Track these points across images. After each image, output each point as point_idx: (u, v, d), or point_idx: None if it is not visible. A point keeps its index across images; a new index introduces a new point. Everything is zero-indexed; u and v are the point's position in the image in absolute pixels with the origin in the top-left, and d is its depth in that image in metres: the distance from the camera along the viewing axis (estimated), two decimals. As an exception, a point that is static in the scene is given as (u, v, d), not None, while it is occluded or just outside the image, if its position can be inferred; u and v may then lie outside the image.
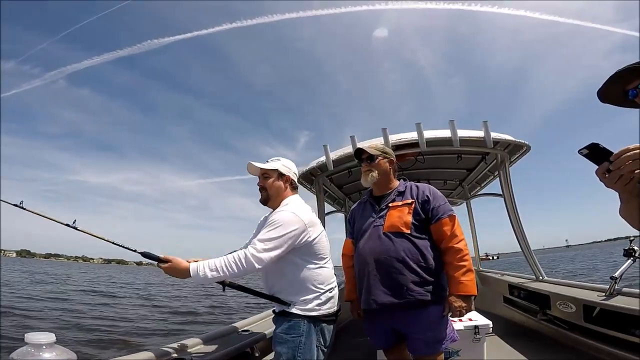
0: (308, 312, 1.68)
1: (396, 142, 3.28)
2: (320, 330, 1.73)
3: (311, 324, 1.68)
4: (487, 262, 9.03)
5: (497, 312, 3.82)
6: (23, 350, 0.94)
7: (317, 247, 1.76)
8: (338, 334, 3.97)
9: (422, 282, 1.79)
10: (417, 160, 3.81)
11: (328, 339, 1.78)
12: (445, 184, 4.99)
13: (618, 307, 2.40)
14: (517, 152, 3.61)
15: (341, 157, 3.48)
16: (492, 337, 3.01)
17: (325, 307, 1.74)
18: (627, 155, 0.80)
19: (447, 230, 1.84)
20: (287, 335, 1.66)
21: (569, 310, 2.90)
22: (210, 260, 1.59)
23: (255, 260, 1.58)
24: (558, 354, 2.78)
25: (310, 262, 1.74)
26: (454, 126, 3.17)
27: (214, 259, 1.59)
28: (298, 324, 1.66)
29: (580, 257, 39.03)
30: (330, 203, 5.06)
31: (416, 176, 4.57)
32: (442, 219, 1.86)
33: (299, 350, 1.64)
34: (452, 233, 1.84)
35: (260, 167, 1.84)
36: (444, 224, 1.85)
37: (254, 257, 1.58)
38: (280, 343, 1.67)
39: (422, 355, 1.85)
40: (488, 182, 4.64)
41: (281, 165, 1.87)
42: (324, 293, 1.73)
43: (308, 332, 1.67)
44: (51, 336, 0.99)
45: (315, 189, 4.12)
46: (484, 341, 2.43)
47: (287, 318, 1.68)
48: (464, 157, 3.90)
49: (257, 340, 2.20)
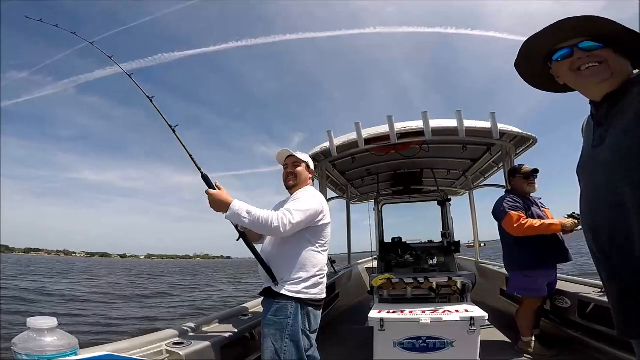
0: (296, 294, 1.73)
1: (401, 130, 3.23)
2: (307, 313, 1.77)
3: (298, 305, 1.73)
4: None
5: (493, 305, 3.86)
6: (25, 335, 0.95)
7: (324, 233, 1.89)
8: (335, 321, 4.05)
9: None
10: (422, 149, 3.78)
11: (314, 324, 1.82)
12: (449, 173, 4.96)
13: None
14: (523, 144, 3.56)
15: (345, 143, 3.45)
16: (487, 329, 3.05)
17: (314, 291, 1.80)
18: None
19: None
20: (275, 317, 1.71)
21: (564, 305, 2.92)
22: (249, 206, 1.69)
23: (282, 226, 1.67)
24: (551, 348, 2.81)
25: (313, 243, 1.83)
26: (460, 116, 3.12)
27: (252, 207, 1.70)
28: (286, 306, 1.71)
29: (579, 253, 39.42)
30: (332, 189, 5.05)
31: (420, 165, 4.54)
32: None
33: (286, 332, 1.69)
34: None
35: (296, 155, 2.01)
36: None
37: (282, 222, 1.67)
38: (268, 325, 1.72)
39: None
40: (492, 173, 4.60)
41: (309, 159, 2.08)
42: (314, 277, 1.80)
43: (295, 314, 1.72)
44: (53, 320, 1.00)
45: (318, 175, 4.11)
46: (478, 333, 2.46)
47: (275, 300, 1.74)
48: (469, 148, 3.86)
49: (256, 325, 2.22)
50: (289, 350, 1.67)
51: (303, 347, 1.72)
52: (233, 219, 1.69)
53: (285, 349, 1.67)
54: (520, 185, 3.05)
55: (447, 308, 2.70)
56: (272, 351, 1.67)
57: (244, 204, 1.69)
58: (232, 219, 1.70)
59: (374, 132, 3.35)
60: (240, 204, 1.68)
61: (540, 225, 2.77)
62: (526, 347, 2.85)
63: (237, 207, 1.67)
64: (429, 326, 2.49)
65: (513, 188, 3.12)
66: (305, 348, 1.74)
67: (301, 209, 1.75)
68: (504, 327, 3.34)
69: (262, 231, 1.75)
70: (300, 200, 1.82)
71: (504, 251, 3.08)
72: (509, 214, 2.83)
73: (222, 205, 1.68)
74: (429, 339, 2.50)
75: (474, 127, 3.20)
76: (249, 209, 1.67)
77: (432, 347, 2.49)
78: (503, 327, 3.35)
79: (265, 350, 1.69)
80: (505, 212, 2.86)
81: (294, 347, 1.69)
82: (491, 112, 3.18)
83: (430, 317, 2.52)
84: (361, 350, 2.89)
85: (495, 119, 3.15)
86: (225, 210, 1.68)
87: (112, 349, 1.49)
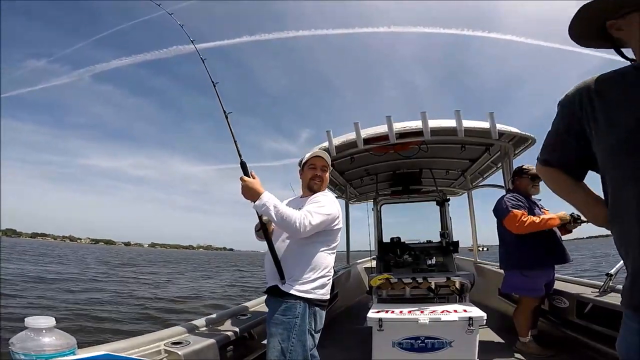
0: (305, 293, 1.75)
1: (400, 130, 3.24)
2: (314, 314, 1.79)
3: (306, 305, 1.75)
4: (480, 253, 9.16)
5: (492, 305, 3.86)
6: (23, 335, 0.94)
7: (337, 236, 1.94)
8: (333, 321, 4.05)
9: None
10: (421, 149, 3.78)
11: (319, 324, 1.84)
12: (448, 173, 4.96)
13: (610, 304, 2.42)
14: (522, 144, 3.57)
15: (344, 143, 3.45)
16: (485, 329, 3.05)
17: (321, 291, 1.82)
18: None
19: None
20: (283, 317, 1.71)
21: (562, 305, 2.93)
22: (278, 200, 1.75)
23: (302, 227, 1.70)
24: (549, 348, 2.82)
25: (326, 245, 1.87)
26: (459, 116, 3.13)
27: (280, 202, 1.76)
28: (294, 305, 1.72)
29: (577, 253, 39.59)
30: (331, 189, 5.05)
31: (419, 165, 4.55)
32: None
33: (294, 332, 1.69)
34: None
35: (328, 162, 2.06)
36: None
37: (303, 224, 1.70)
38: (276, 324, 1.72)
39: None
40: (490, 173, 4.61)
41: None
42: (323, 277, 1.83)
43: (303, 314, 1.73)
44: (51, 320, 1.00)
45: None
46: (477, 333, 2.47)
47: (282, 299, 1.74)
48: (468, 148, 3.87)
49: (256, 324, 2.22)
50: (295, 350, 1.68)
51: (308, 347, 1.73)
52: (260, 209, 1.73)
53: (291, 348, 1.67)
54: (525, 186, 3.05)
55: (446, 308, 2.71)
56: (278, 350, 1.67)
57: (273, 197, 1.74)
58: (259, 209, 1.74)
59: (372, 132, 3.35)
60: (270, 196, 1.74)
61: (540, 221, 2.77)
62: (524, 347, 2.85)
63: (266, 199, 1.72)
64: (427, 326, 2.49)
65: (516, 187, 3.12)
66: (310, 348, 1.75)
67: (322, 213, 1.79)
68: (502, 328, 3.34)
69: (283, 227, 1.78)
70: (321, 203, 1.85)
71: (501, 250, 3.08)
72: (512, 212, 2.83)
73: (254, 193, 1.73)
74: (428, 339, 2.50)
75: (473, 127, 3.21)
76: (277, 203, 1.72)
77: (430, 347, 2.49)
78: (501, 328, 3.35)
79: (271, 349, 1.69)
80: (508, 210, 2.85)
81: (300, 347, 1.69)
82: (489, 112, 3.19)
83: (429, 317, 2.52)
84: (360, 350, 2.89)
85: (493, 119, 3.16)
86: (255, 199, 1.73)
87: (110, 348, 1.49)
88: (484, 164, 4.36)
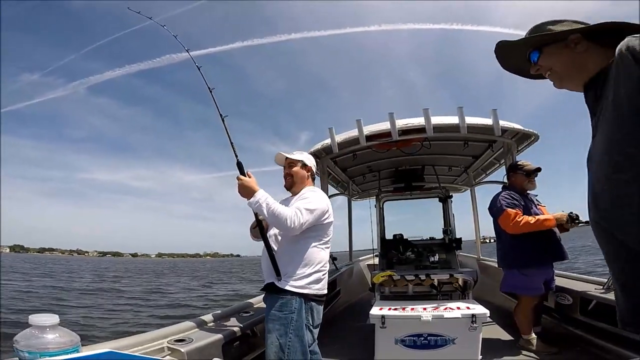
0: (300, 289, 1.78)
1: (403, 126, 3.23)
2: (310, 308, 1.82)
3: (302, 300, 1.78)
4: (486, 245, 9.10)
5: (495, 302, 3.86)
6: (27, 333, 0.95)
7: (328, 230, 1.96)
8: (336, 318, 4.06)
9: None
10: (423, 146, 3.77)
11: (316, 319, 1.87)
12: (450, 170, 4.95)
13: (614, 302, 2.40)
14: (524, 141, 3.54)
15: (346, 140, 3.44)
16: (488, 326, 3.05)
17: (317, 286, 1.85)
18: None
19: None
20: (279, 313, 1.74)
21: (566, 302, 2.92)
22: (271, 198, 1.80)
23: (293, 224, 1.74)
24: (552, 345, 2.81)
25: (318, 240, 1.90)
26: (462, 113, 3.11)
27: (273, 200, 1.80)
28: (290, 301, 1.75)
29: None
30: (333, 185, 5.05)
31: (421, 161, 4.53)
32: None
33: (291, 327, 1.72)
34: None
35: (287, 157, 2.08)
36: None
37: (294, 220, 1.74)
38: (273, 320, 1.75)
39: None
40: (493, 170, 4.59)
41: (305, 157, 2.12)
42: (317, 272, 1.86)
43: (299, 309, 1.76)
44: (55, 318, 1.00)
45: (320, 171, 4.10)
46: (480, 330, 2.46)
47: (279, 295, 1.77)
48: (471, 144, 3.85)
49: (258, 322, 2.23)
50: (294, 345, 1.71)
51: (307, 342, 1.75)
52: (254, 206, 1.78)
53: (289, 343, 1.70)
54: (520, 182, 3.03)
55: (449, 305, 2.71)
56: (276, 346, 1.70)
57: (267, 195, 1.78)
58: (253, 206, 1.79)
59: (375, 129, 3.34)
60: (264, 194, 1.78)
61: (536, 222, 2.75)
62: (527, 344, 2.85)
63: (260, 196, 1.77)
64: (430, 323, 2.49)
65: (511, 184, 3.10)
66: (309, 342, 1.78)
67: (310, 208, 1.83)
68: (505, 325, 3.34)
69: (275, 224, 1.82)
70: (309, 199, 1.89)
71: (499, 248, 3.06)
72: (506, 211, 2.81)
73: (249, 191, 1.79)
74: (431, 336, 2.50)
75: (476, 124, 3.19)
76: (270, 201, 1.76)
77: (433, 344, 2.49)
78: (505, 325, 3.35)
79: (270, 345, 1.72)
80: (502, 209, 2.83)
81: (298, 342, 1.72)
82: (493, 109, 3.16)
83: (432, 314, 2.52)
84: (362, 347, 2.89)
85: (497, 115, 3.14)
86: (250, 197, 1.79)
87: (113, 346, 1.49)
88: (487, 161, 4.33)
